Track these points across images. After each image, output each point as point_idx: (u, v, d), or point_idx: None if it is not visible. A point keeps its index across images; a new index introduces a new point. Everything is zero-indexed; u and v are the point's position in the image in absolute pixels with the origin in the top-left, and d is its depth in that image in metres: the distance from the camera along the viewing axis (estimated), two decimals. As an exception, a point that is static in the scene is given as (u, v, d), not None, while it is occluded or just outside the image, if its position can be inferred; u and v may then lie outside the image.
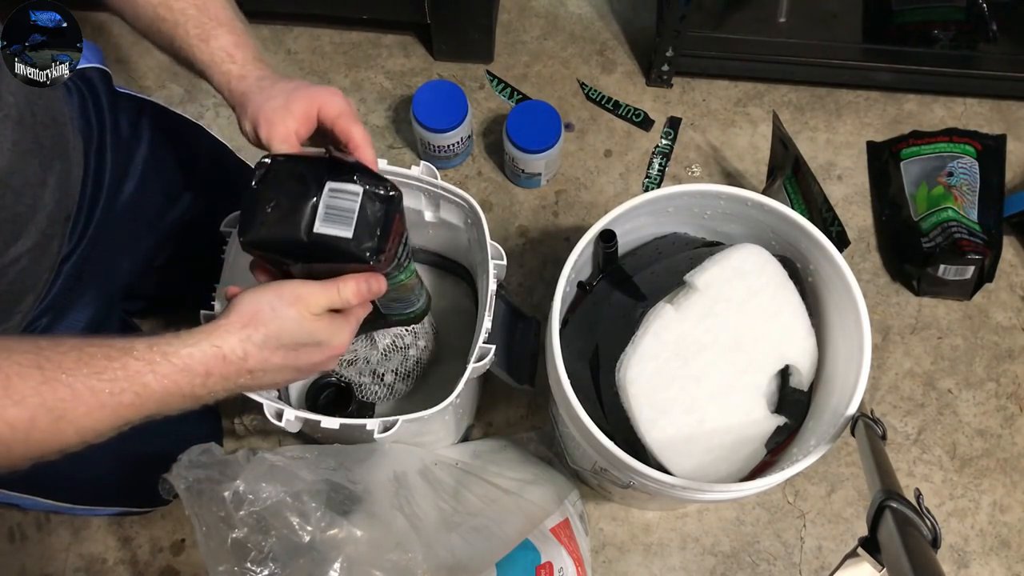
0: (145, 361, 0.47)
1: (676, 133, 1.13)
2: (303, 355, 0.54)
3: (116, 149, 0.74)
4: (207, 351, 0.49)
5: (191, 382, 0.49)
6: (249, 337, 0.51)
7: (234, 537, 0.63)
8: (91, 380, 0.45)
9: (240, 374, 0.51)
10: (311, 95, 0.57)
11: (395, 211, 0.54)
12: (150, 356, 0.47)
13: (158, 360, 0.48)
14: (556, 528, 0.82)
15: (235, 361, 0.50)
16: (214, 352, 0.49)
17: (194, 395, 0.50)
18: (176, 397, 0.49)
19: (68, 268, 0.70)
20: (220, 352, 0.49)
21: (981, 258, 0.98)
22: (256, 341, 0.51)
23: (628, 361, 0.67)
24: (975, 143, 1.07)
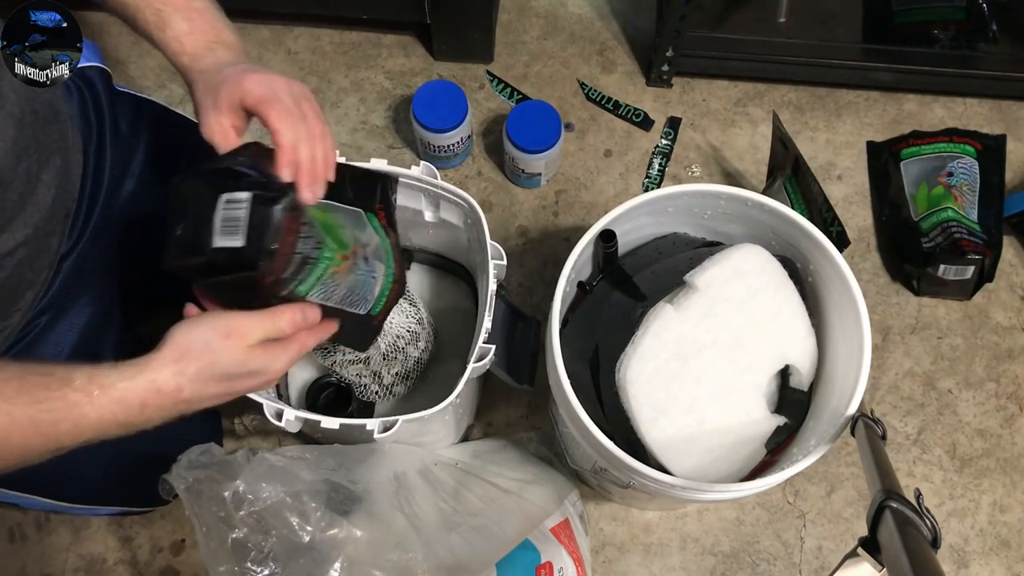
0: (84, 393, 0.49)
1: (676, 133, 1.13)
2: (237, 384, 0.56)
3: (116, 148, 0.74)
4: (142, 384, 0.51)
5: (127, 413, 0.50)
6: (183, 371, 0.52)
7: (234, 537, 0.63)
8: (30, 409, 0.47)
9: (175, 404, 0.53)
10: (235, 85, 0.55)
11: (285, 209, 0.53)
12: (88, 388, 0.49)
13: (96, 392, 0.49)
14: (556, 528, 0.82)
15: (169, 393, 0.52)
16: (149, 385, 0.51)
17: (130, 424, 0.51)
18: (112, 426, 0.50)
19: (68, 266, 0.70)
20: (155, 385, 0.51)
21: (981, 258, 0.98)
22: (189, 375, 0.52)
23: (628, 361, 0.67)
24: (975, 143, 1.07)
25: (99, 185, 0.73)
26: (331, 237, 0.60)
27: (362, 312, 0.66)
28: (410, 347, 0.87)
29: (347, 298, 0.64)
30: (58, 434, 0.48)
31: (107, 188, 0.73)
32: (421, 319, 0.88)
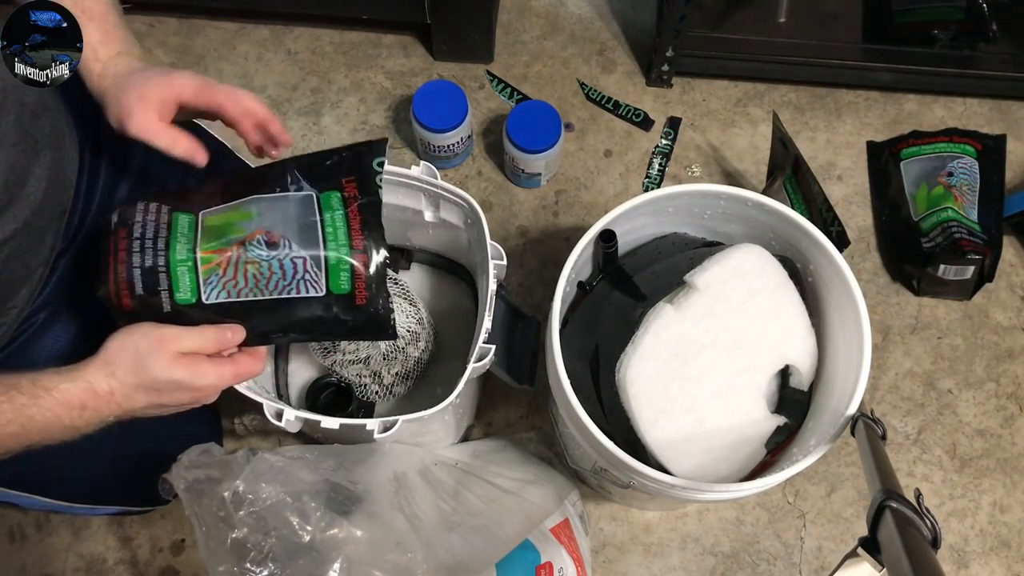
0: (29, 395, 0.52)
1: (676, 133, 1.13)
2: (166, 395, 0.58)
3: (112, 145, 0.74)
4: (81, 386, 0.54)
5: (69, 414, 0.54)
6: (113, 374, 0.56)
7: (234, 537, 0.63)
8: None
9: (111, 407, 0.56)
10: (163, 81, 0.60)
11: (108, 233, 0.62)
12: (33, 391, 0.52)
13: (40, 395, 0.53)
14: (556, 528, 0.82)
15: (104, 395, 0.55)
16: (86, 387, 0.55)
17: (73, 426, 0.55)
18: (57, 427, 0.54)
19: (64, 264, 0.70)
20: (91, 387, 0.55)
21: (981, 258, 0.98)
22: (119, 378, 0.56)
23: (628, 361, 0.67)
24: (975, 143, 1.07)
25: (95, 182, 0.73)
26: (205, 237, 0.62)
27: (315, 294, 0.63)
28: (410, 347, 0.87)
29: (264, 287, 0.62)
30: (5, 435, 0.51)
31: (103, 186, 0.73)
32: (421, 319, 0.88)
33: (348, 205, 0.65)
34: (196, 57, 1.16)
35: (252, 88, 1.15)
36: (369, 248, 0.64)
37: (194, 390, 0.59)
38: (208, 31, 1.18)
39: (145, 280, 0.60)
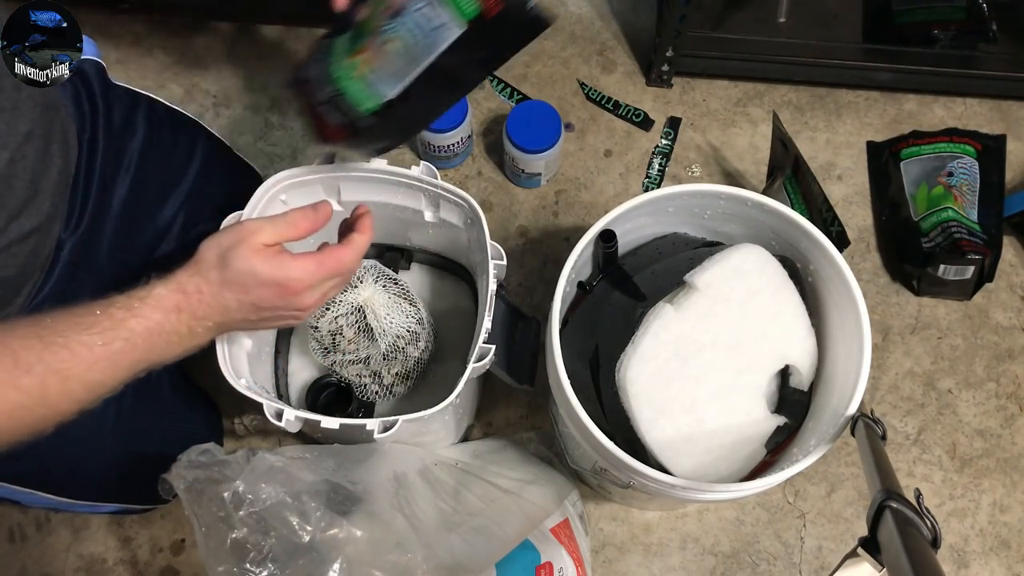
0: (125, 308, 0.53)
1: (676, 133, 1.13)
2: (253, 292, 0.57)
3: (108, 139, 0.75)
4: (171, 288, 0.55)
5: (167, 319, 0.54)
6: (199, 271, 0.56)
7: (233, 537, 0.63)
8: (83, 336, 0.50)
9: (204, 308, 0.56)
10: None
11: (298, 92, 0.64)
12: (128, 303, 0.53)
13: (136, 305, 0.53)
14: (556, 528, 0.82)
15: (194, 294, 0.55)
16: (176, 288, 0.55)
17: (176, 332, 0.54)
18: (160, 337, 0.53)
19: (65, 256, 0.70)
20: (181, 287, 0.55)
21: (981, 258, 0.98)
22: (204, 274, 0.56)
23: (628, 361, 0.67)
24: (975, 143, 1.07)
25: (91, 176, 0.73)
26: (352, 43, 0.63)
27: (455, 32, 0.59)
28: (410, 347, 0.87)
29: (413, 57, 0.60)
30: (113, 354, 0.51)
31: (99, 179, 0.74)
32: (421, 319, 0.88)
33: None
34: (196, 57, 1.16)
35: (252, 88, 1.15)
36: None
37: (279, 285, 0.58)
38: (208, 31, 1.18)
39: (334, 111, 0.60)
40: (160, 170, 0.80)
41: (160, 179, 0.80)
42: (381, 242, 0.95)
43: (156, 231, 0.81)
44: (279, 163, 1.11)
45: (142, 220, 0.79)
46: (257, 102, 1.14)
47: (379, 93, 0.61)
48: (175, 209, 0.82)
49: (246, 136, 1.12)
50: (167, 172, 0.81)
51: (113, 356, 0.51)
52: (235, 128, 1.12)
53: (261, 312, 0.59)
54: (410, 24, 0.60)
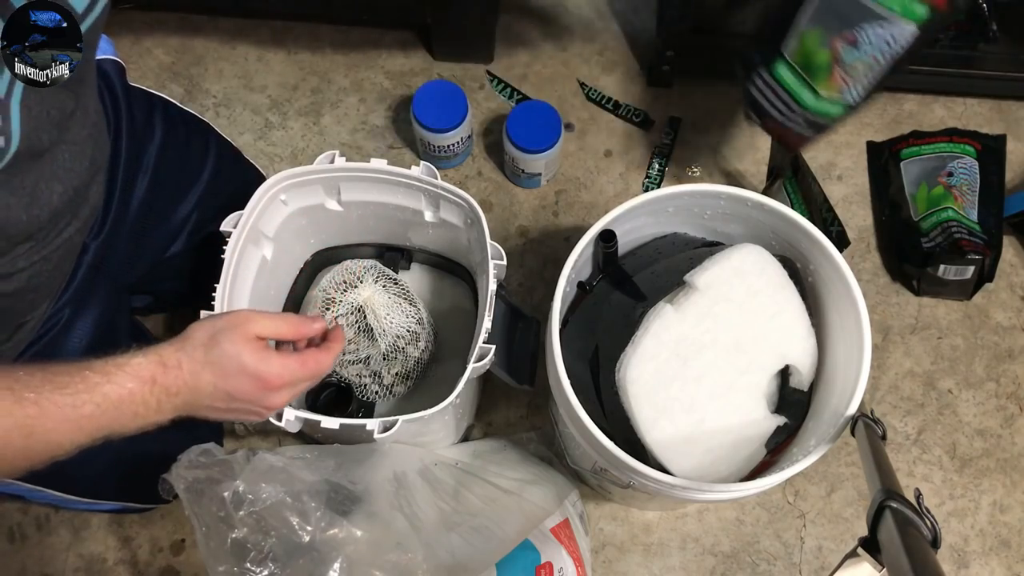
0: (101, 373, 0.52)
1: (676, 133, 1.13)
2: (232, 379, 0.57)
3: (130, 141, 0.75)
4: (151, 359, 0.54)
5: (140, 389, 0.53)
6: (183, 348, 0.56)
7: (234, 537, 0.63)
8: (55, 395, 0.49)
9: (178, 385, 0.55)
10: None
11: None
12: (105, 369, 0.52)
13: (112, 371, 0.52)
14: (556, 528, 0.82)
15: (173, 368, 0.55)
16: (157, 360, 0.54)
17: (145, 404, 0.53)
18: (128, 407, 0.53)
19: (88, 259, 0.71)
20: (161, 360, 0.55)
21: (981, 258, 0.98)
22: (188, 352, 0.56)
23: (628, 361, 0.67)
24: (975, 143, 1.07)
25: (114, 178, 0.73)
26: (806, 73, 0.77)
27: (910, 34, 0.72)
28: (410, 347, 0.87)
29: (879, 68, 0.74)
30: (81, 418, 0.51)
31: (122, 181, 0.74)
32: (421, 319, 0.88)
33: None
34: (196, 57, 1.16)
35: (252, 88, 1.15)
36: None
37: (259, 379, 0.58)
38: (208, 31, 1.18)
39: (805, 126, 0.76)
40: (175, 171, 0.80)
41: (175, 180, 0.80)
42: (381, 242, 0.95)
43: (169, 232, 0.81)
44: (279, 163, 1.11)
45: (156, 221, 0.79)
46: (257, 102, 1.14)
47: (846, 102, 0.76)
48: (188, 210, 0.82)
49: (246, 136, 1.12)
50: (182, 173, 0.81)
51: (80, 420, 0.51)
52: (235, 128, 1.12)
53: (231, 402, 0.59)
54: (871, 49, 0.72)
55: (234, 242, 0.74)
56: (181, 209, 0.81)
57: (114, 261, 0.75)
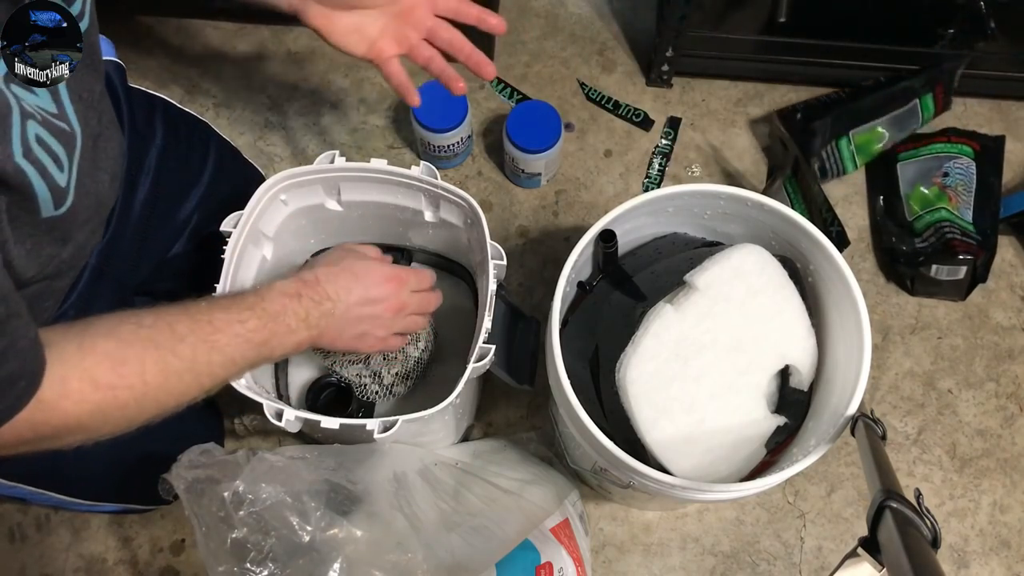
0: (255, 295, 0.61)
1: (676, 133, 1.13)
2: (366, 278, 0.68)
3: (132, 143, 0.75)
4: (292, 279, 0.64)
5: (290, 303, 0.62)
6: (313, 266, 0.67)
7: (234, 537, 0.63)
8: (224, 314, 0.57)
9: (320, 293, 0.64)
10: None
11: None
12: (258, 291, 0.61)
13: (264, 292, 0.61)
14: (556, 528, 0.82)
15: (311, 281, 0.64)
16: (296, 278, 0.65)
17: (296, 315, 0.62)
18: (282, 320, 0.61)
19: (93, 261, 0.71)
20: (299, 277, 0.65)
21: (973, 259, 0.98)
22: (320, 267, 0.67)
23: (628, 361, 0.67)
24: (973, 143, 1.07)
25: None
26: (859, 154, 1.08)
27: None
28: (410, 347, 0.87)
29: None
30: (248, 332, 0.58)
31: (125, 183, 0.74)
32: None
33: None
34: (196, 57, 1.16)
35: (252, 88, 1.15)
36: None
37: (389, 270, 0.70)
38: (208, 31, 1.18)
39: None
40: (177, 172, 0.80)
41: (177, 181, 0.80)
42: (381, 242, 0.95)
43: (171, 232, 0.81)
44: (279, 163, 1.11)
45: (159, 222, 0.79)
46: (257, 102, 1.14)
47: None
48: (190, 210, 0.82)
49: (246, 136, 1.12)
50: (183, 174, 0.81)
51: (248, 333, 0.57)
52: (235, 128, 1.12)
53: (369, 305, 0.68)
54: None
55: (234, 242, 0.74)
56: (183, 210, 0.81)
57: (118, 263, 0.75)
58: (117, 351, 0.50)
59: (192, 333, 0.54)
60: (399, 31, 0.73)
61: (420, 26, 0.73)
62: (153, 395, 0.52)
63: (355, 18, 0.71)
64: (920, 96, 1.04)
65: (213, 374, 0.56)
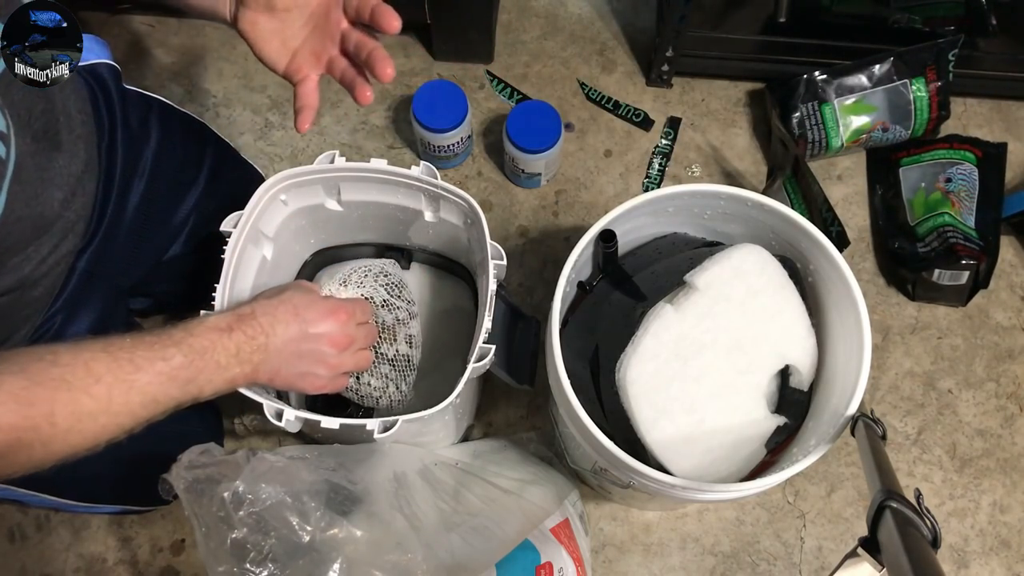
0: (183, 330, 0.57)
1: (676, 133, 1.13)
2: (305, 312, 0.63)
3: (127, 145, 0.75)
4: (226, 311, 0.61)
5: (220, 338, 0.58)
6: (255, 300, 0.63)
7: (233, 538, 0.63)
8: (147, 352, 0.53)
9: (254, 329, 0.60)
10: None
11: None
12: (186, 326, 0.57)
13: (193, 326, 0.57)
14: (556, 528, 0.82)
15: (247, 316, 0.60)
16: (231, 312, 0.60)
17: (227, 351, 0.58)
18: (211, 356, 0.57)
19: (82, 265, 0.70)
20: (235, 311, 0.60)
21: (976, 263, 0.98)
22: (260, 300, 0.63)
23: (628, 361, 0.67)
24: (976, 150, 1.07)
25: (111, 182, 0.73)
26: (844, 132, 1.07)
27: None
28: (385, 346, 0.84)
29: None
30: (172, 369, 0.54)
31: (118, 186, 0.74)
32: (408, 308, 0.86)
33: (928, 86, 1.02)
34: (196, 57, 1.16)
35: (252, 88, 1.15)
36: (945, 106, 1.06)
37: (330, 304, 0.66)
38: (208, 31, 1.18)
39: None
40: (173, 174, 0.80)
41: (173, 183, 0.80)
42: (381, 242, 0.95)
43: (167, 234, 0.81)
44: (279, 163, 1.11)
45: (155, 224, 0.79)
46: (257, 102, 1.14)
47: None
48: (187, 212, 0.82)
49: (246, 136, 1.12)
50: (179, 176, 0.81)
51: (172, 371, 0.54)
52: (235, 128, 1.12)
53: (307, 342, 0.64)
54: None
55: (234, 242, 0.74)
56: (179, 212, 0.81)
57: (110, 266, 0.75)
58: (24, 391, 0.47)
59: (110, 372, 0.51)
60: (317, 44, 0.66)
61: (336, 33, 0.65)
62: (63, 437, 0.49)
63: (275, 23, 0.65)
64: (911, 78, 1.04)
65: (133, 414, 0.53)
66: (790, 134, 1.05)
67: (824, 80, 1.05)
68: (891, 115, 1.05)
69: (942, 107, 1.05)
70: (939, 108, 1.05)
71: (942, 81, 1.04)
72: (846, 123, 1.05)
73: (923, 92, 1.04)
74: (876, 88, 1.04)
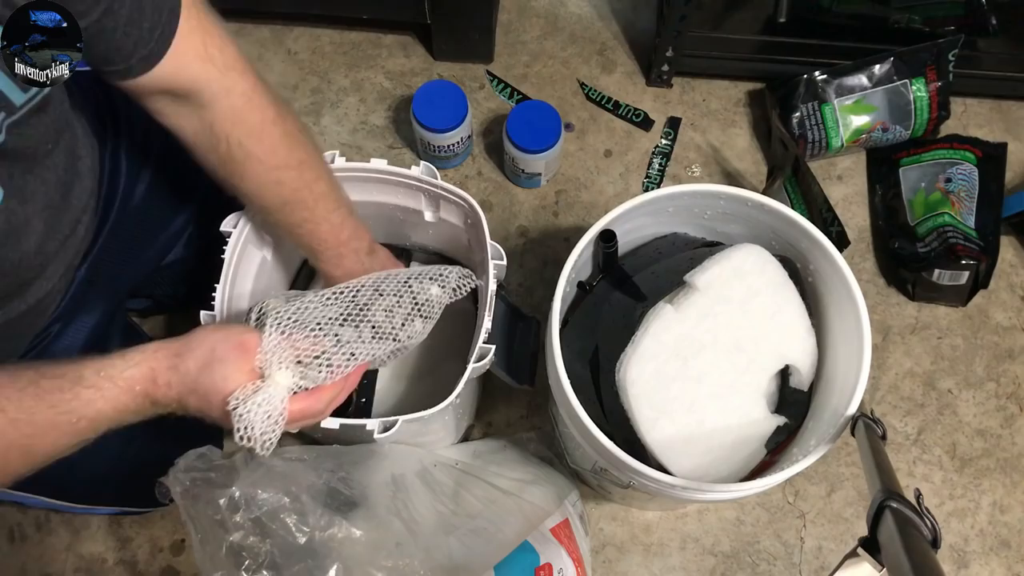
0: (95, 388, 0.51)
1: (676, 133, 1.13)
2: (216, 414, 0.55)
3: (130, 151, 0.74)
4: (144, 373, 0.53)
5: (133, 400, 0.53)
6: (177, 368, 0.54)
7: (230, 542, 0.63)
8: (49, 414, 0.50)
9: (165, 400, 0.54)
10: None
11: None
12: (98, 382, 0.52)
13: (105, 386, 0.52)
14: (556, 528, 0.82)
15: (163, 387, 0.53)
16: (148, 374, 0.53)
17: (140, 411, 0.54)
18: (121, 415, 0.53)
19: (82, 274, 0.70)
20: (152, 375, 0.53)
21: (976, 263, 0.98)
22: (181, 373, 0.53)
23: (628, 361, 0.67)
24: (976, 150, 1.07)
25: (115, 189, 0.73)
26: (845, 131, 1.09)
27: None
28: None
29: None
30: (77, 431, 0.51)
31: (122, 192, 0.73)
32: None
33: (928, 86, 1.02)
34: (196, 57, 1.16)
35: (252, 88, 1.14)
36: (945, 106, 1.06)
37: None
38: (208, 31, 1.18)
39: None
40: (174, 179, 0.80)
41: (174, 187, 0.80)
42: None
43: (167, 239, 0.81)
44: (279, 163, 1.11)
45: (155, 230, 0.79)
46: (257, 102, 1.14)
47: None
48: (187, 217, 0.82)
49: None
50: (181, 179, 0.81)
51: (77, 432, 0.52)
52: (235, 128, 1.12)
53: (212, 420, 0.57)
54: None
55: (234, 242, 0.74)
56: (179, 217, 0.81)
57: (110, 273, 0.74)
58: None
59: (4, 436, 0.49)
60: None
61: None
62: None
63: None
64: (911, 78, 1.04)
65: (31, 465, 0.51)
66: (790, 134, 1.05)
67: (824, 80, 1.05)
68: (891, 115, 1.05)
69: (942, 107, 1.05)
70: (939, 108, 1.05)
71: (942, 81, 1.03)
72: (846, 123, 1.05)
73: (923, 92, 1.04)
74: (876, 88, 1.04)
